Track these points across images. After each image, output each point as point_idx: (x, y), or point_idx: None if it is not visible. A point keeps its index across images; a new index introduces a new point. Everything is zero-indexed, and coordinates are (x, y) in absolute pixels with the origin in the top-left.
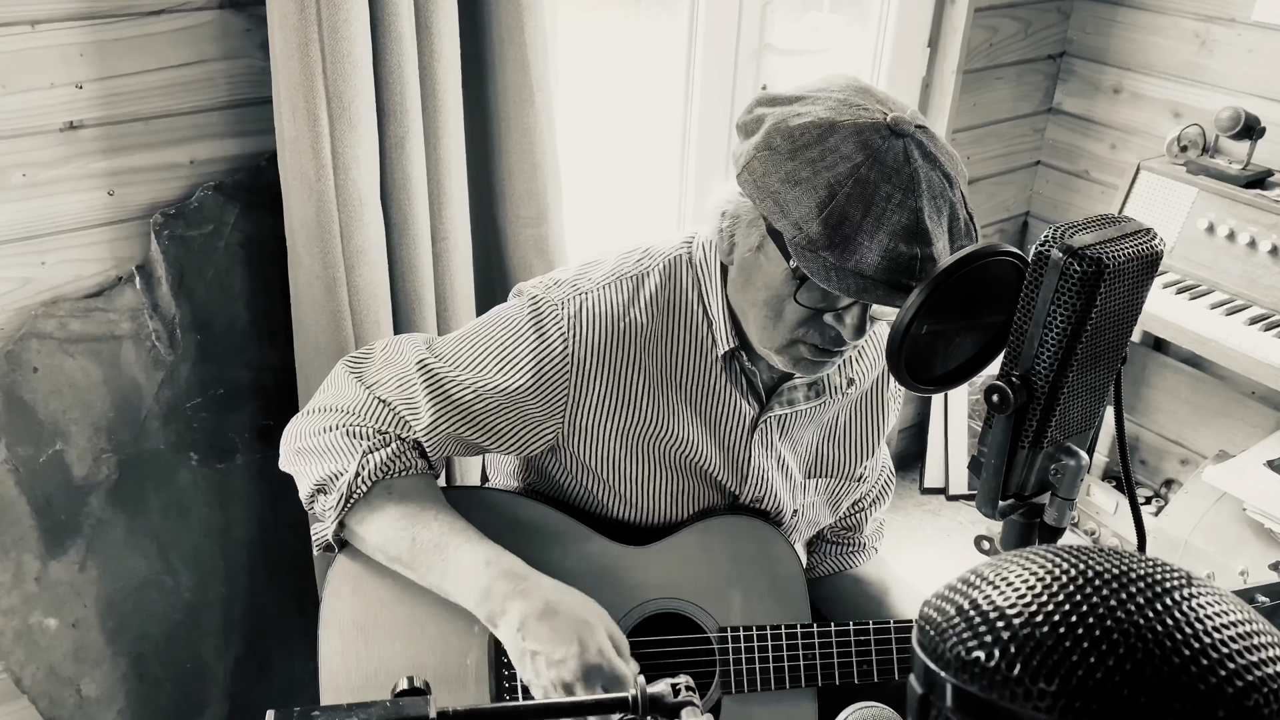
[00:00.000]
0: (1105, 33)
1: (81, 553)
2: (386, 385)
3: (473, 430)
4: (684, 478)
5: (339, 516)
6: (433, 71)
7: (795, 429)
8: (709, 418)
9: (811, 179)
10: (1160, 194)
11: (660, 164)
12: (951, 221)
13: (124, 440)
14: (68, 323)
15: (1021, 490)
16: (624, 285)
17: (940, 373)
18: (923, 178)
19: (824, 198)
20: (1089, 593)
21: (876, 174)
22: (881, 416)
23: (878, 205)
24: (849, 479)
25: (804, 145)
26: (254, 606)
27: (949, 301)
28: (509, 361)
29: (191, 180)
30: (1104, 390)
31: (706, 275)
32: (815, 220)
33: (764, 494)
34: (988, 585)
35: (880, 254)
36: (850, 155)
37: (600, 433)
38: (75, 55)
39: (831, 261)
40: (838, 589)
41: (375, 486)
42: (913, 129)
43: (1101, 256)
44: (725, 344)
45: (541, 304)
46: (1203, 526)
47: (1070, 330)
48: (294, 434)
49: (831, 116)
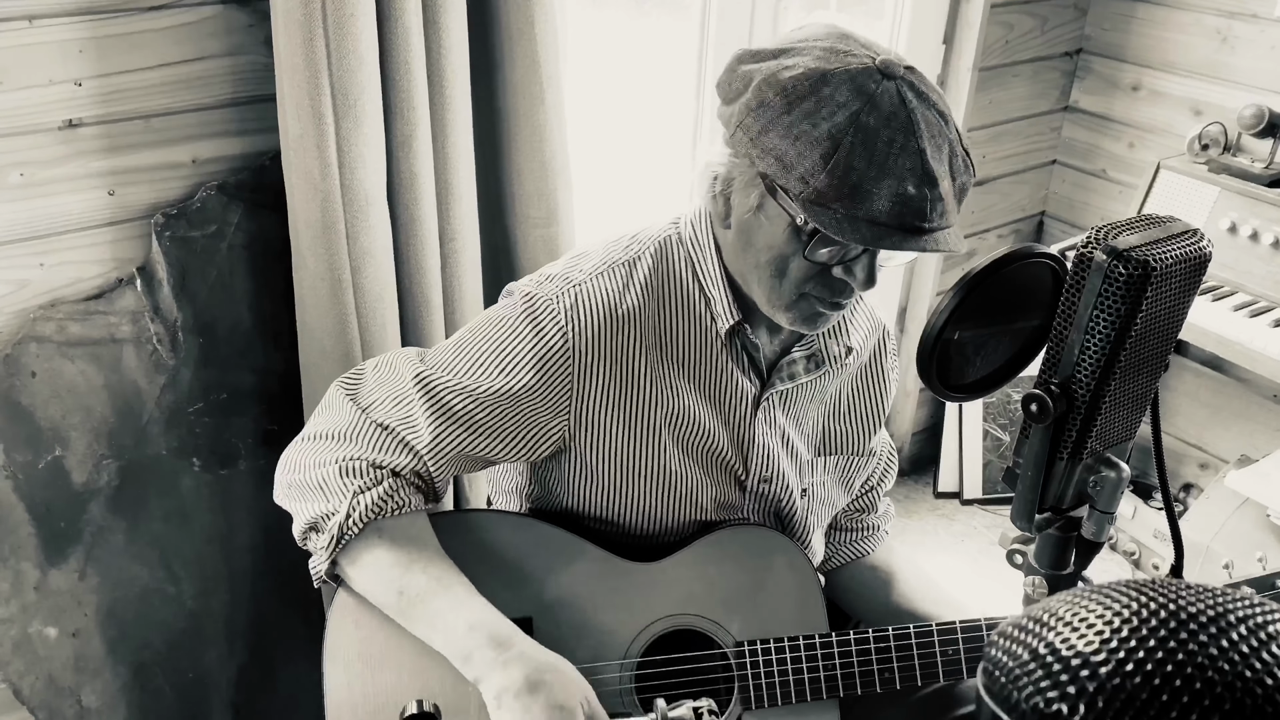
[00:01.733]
0: (1124, 29)
1: (81, 560)
2: (383, 406)
3: (477, 440)
4: (693, 466)
5: (330, 556)
6: (441, 68)
7: (797, 406)
8: (713, 397)
9: (811, 131)
10: (1181, 194)
11: (671, 164)
12: (951, 158)
13: (125, 446)
14: (67, 326)
15: (1059, 503)
16: (616, 272)
17: (972, 379)
18: (920, 118)
19: (827, 149)
20: (1184, 638)
21: (875, 119)
22: (885, 387)
23: (881, 150)
24: (860, 454)
25: (798, 97)
26: (257, 614)
27: (982, 306)
28: (508, 362)
29: (194, 180)
30: (1145, 399)
31: (699, 251)
32: (821, 173)
33: (771, 474)
34: (1065, 626)
35: (890, 199)
36: (847, 102)
37: (607, 424)
38: (74, 51)
39: (843, 212)
40: (854, 578)
41: (367, 528)
42: (902, 70)
43: (1148, 259)
44: (727, 319)
45: (535, 300)
46: (1225, 533)
47: (1114, 336)
48: (289, 464)
49: (821, 66)
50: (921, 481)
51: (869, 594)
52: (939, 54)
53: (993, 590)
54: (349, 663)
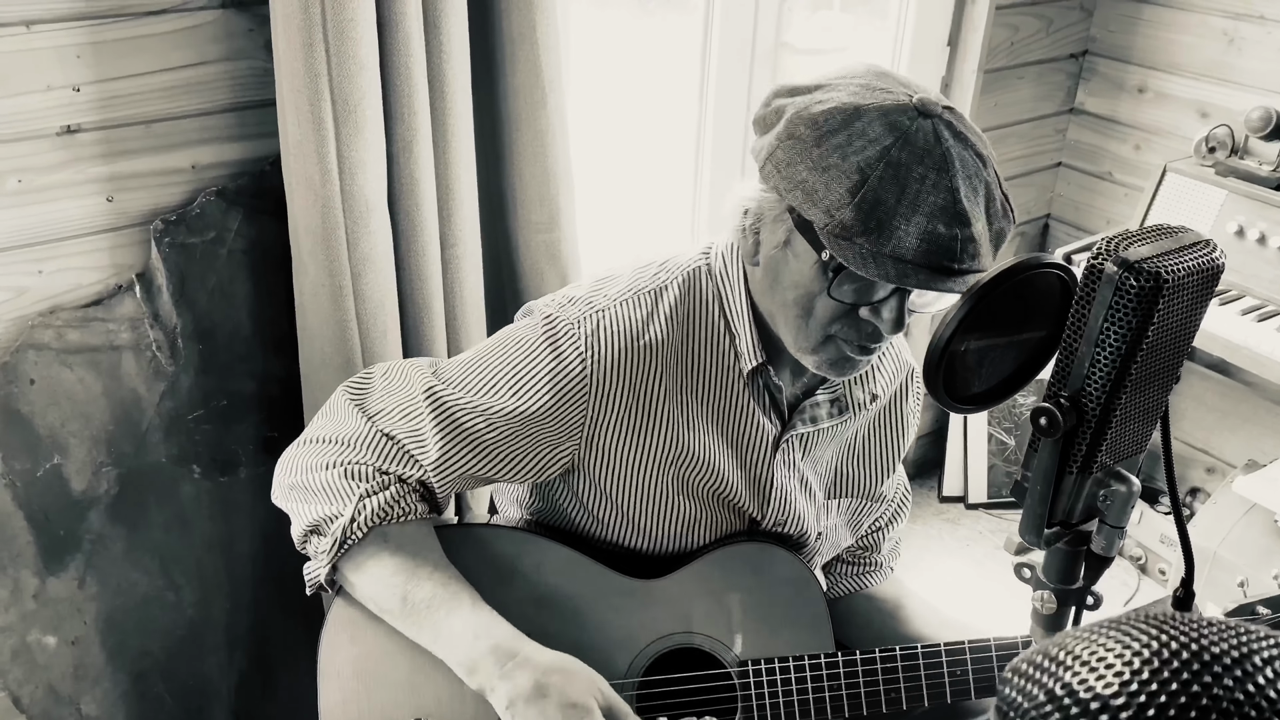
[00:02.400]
0: (1130, 30)
1: (81, 569)
2: (390, 416)
3: (484, 460)
4: (703, 503)
5: (332, 561)
6: (442, 73)
7: (817, 448)
8: (731, 436)
9: (840, 164)
10: (1188, 196)
11: (675, 166)
12: (989, 202)
13: (124, 453)
14: (65, 333)
15: (1068, 517)
16: (642, 300)
17: (979, 390)
18: (955, 156)
19: (855, 182)
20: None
21: (908, 154)
22: (902, 432)
23: (912, 186)
24: (870, 499)
25: (829, 131)
26: (258, 622)
27: (990, 317)
28: (524, 384)
29: (193, 185)
30: (1157, 411)
31: (728, 285)
32: (848, 206)
33: (787, 517)
34: (1082, 666)
35: (919, 236)
36: (879, 137)
37: (618, 454)
38: (72, 57)
39: (868, 248)
40: (851, 608)
41: (371, 533)
42: (940, 109)
43: (1160, 270)
44: (751, 359)
45: (556, 323)
46: (1232, 538)
47: (1125, 349)
48: (289, 465)
49: (855, 101)
50: (926, 486)
51: (866, 620)
52: (943, 56)
53: (999, 596)
54: (344, 680)
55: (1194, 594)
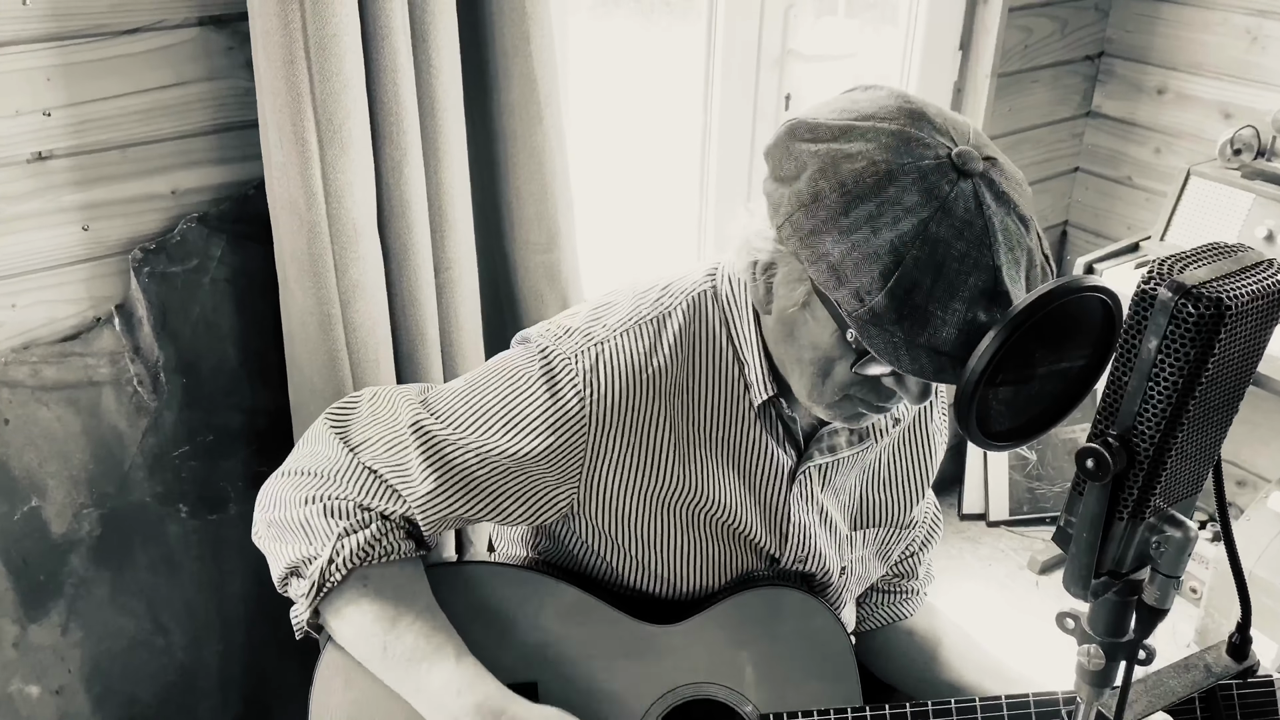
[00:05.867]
0: (1148, 30)
1: (63, 615)
2: (374, 448)
3: (474, 502)
4: (716, 543)
5: (312, 605)
6: (431, 88)
7: (837, 477)
8: (743, 471)
9: (872, 239)
10: (1213, 201)
11: (679, 181)
12: (1029, 269)
13: (106, 493)
14: (41, 369)
15: (1118, 566)
16: (644, 330)
17: (1014, 425)
18: (998, 227)
19: (889, 264)
20: None
21: (947, 229)
22: (928, 453)
23: (950, 266)
24: (899, 527)
25: (859, 197)
26: (252, 664)
27: (1027, 347)
28: (519, 423)
29: (173, 212)
30: (1215, 449)
31: (735, 313)
32: (879, 292)
33: (808, 554)
34: None
35: (957, 327)
36: (915, 208)
37: (621, 497)
38: (42, 80)
39: (900, 338)
40: (890, 643)
41: (351, 575)
42: (980, 164)
43: (1221, 296)
44: (762, 392)
45: (553, 356)
46: (1268, 556)
47: (1182, 383)
48: (269, 499)
49: (888, 159)
50: (945, 503)
51: (906, 660)
52: (955, 60)
53: (1023, 620)
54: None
55: (1250, 639)
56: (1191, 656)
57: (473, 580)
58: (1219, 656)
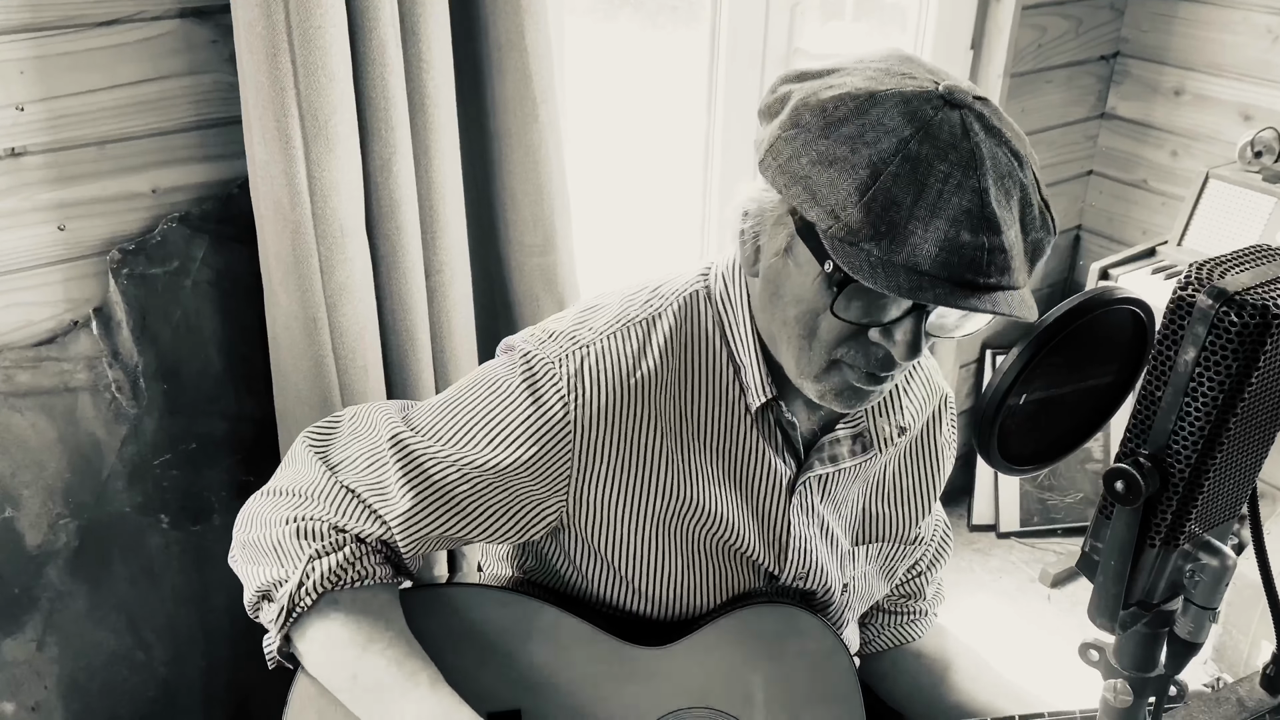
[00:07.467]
0: (1164, 30)
1: (39, 629)
2: (353, 467)
3: (456, 520)
4: (711, 561)
5: (282, 630)
6: (421, 83)
7: (838, 489)
8: (739, 481)
9: (849, 157)
10: (1232, 205)
11: (681, 183)
12: (1024, 208)
13: (84, 503)
14: (15, 375)
15: (1148, 597)
16: (632, 333)
17: (1037, 448)
18: (986, 154)
19: (865, 178)
20: None
21: (929, 149)
22: (936, 465)
23: (932, 186)
24: (903, 543)
25: (839, 119)
26: (236, 680)
27: (1051, 366)
28: (501, 433)
29: (153, 211)
30: (1255, 470)
31: (730, 309)
32: (855, 206)
33: (808, 570)
34: None
35: (938, 244)
36: (896, 128)
37: (611, 511)
38: (14, 73)
39: (877, 255)
40: (897, 666)
41: (321, 599)
42: (971, 99)
43: (1268, 303)
44: (759, 395)
45: (535, 362)
46: None
47: (1223, 398)
48: (246, 519)
49: (871, 86)
50: (955, 514)
51: (914, 683)
52: (967, 60)
53: (1034, 634)
54: None
55: None
56: (1222, 690)
57: (453, 603)
58: (1252, 689)
